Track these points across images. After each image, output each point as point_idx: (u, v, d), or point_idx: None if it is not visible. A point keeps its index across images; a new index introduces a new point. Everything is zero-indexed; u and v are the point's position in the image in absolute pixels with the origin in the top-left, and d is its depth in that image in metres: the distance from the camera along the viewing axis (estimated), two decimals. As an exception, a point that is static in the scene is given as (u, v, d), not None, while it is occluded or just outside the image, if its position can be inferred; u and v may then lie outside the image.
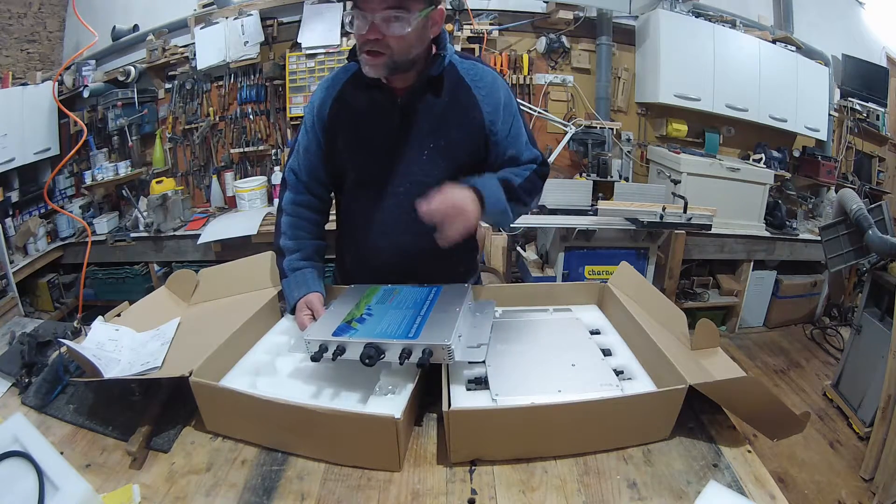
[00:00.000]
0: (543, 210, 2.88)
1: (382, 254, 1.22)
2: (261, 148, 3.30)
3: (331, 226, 1.32)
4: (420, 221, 1.17)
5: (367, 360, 0.87)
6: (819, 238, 2.66)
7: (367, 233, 1.22)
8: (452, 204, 1.00)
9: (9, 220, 2.81)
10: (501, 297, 1.22)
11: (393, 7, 0.99)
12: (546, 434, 0.82)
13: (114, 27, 3.20)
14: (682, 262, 3.06)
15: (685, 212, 2.83)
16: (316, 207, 1.28)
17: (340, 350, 0.90)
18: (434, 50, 1.13)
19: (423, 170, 1.16)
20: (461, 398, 0.87)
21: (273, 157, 3.31)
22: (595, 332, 1.10)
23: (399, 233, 1.20)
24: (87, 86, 3.12)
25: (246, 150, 3.29)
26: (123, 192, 3.16)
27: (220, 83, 3.24)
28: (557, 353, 0.99)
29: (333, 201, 1.34)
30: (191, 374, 0.87)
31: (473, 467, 0.82)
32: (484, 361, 0.97)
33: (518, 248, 3.26)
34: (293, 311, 1.16)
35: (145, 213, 3.00)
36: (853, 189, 2.87)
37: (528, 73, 3.27)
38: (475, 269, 1.43)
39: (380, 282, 1.21)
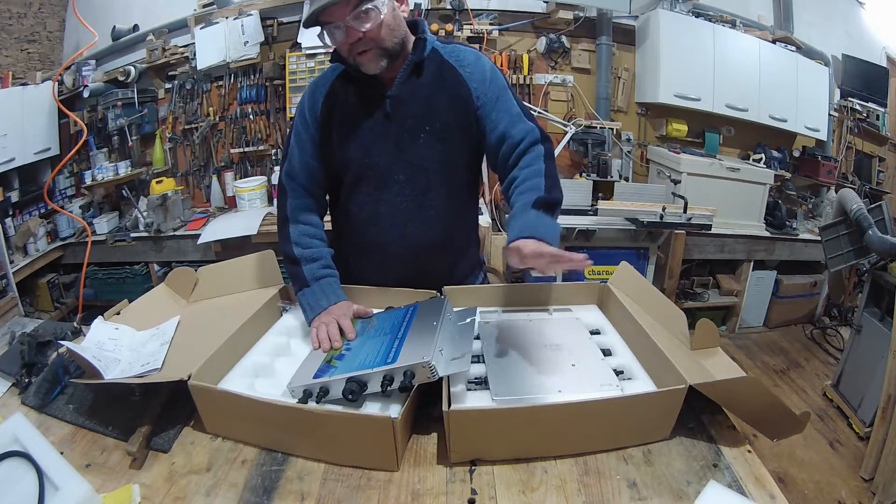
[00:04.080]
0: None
1: (391, 247, 1.21)
2: (261, 148, 3.29)
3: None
4: (424, 210, 1.18)
5: (349, 396, 0.84)
6: (819, 238, 2.66)
7: (372, 228, 1.21)
8: (534, 254, 0.92)
9: (9, 220, 2.80)
10: (501, 297, 1.22)
11: (357, 5, 1.00)
12: (546, 434, 0.82)
13: (114, 27, 3.20)
14: (682, 262, 3.06)
15: (685, 212, 2.83)
16: (318, 212, 1.26)
17: (324, 391, 0.87)
18: (412, 39, 1.14)
19: (421, 155, 1.16)
20: (461, 398, 0.87)
21: (273, 157, 3.31)
22: (595, 332, 1.10)
23: (404, 223, 1.19)
24: (87, 86, 3.11)
25: (246, 150, 3.29)
26: (123, 192, 3.16)
27: (220, 83, 3.24)
28: (557, 353, 0.99)
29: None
30: (190, 378, 0.87)
31: (473, 467, 0.82)
32: (484, 361, 0.97)
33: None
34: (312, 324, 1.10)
35: (145, 213, 3.00)
36: (853, 189, 2.87)
37: (528, 73, 3.27)
38: (481, 263, 1.42)
39: (386, 279, 1.20)
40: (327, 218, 1.31)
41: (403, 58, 1.12)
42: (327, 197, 1.31)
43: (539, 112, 3.11)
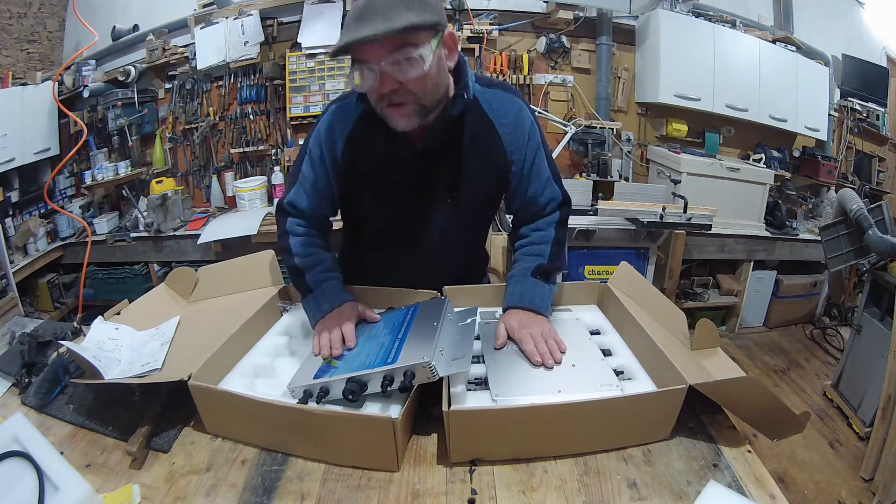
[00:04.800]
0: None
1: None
2: (261, 148, 3.29)
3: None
4: (440, 265, 1.20)
5: (349, 397, 0.84)
6: (819, 238, 2.66)
7: (387, 275, 1.22)
8: (533, 336, 0.99)
9: (9, 220, 2.81)
10: (502, 298, 1.21)
11: (398, 48, 0.86)
12: (546, 434, 0.82)
13: (114, 27, 3.20)
14: (682, 262, 3.06)
15: (685, 212, 2.83)
16: (322, 231, 1.21)
17: (324, 392, 0.86)
18: (453, 86, 1.01)
19: (448, 219, 1.14)
20: (461, 398, 0.87)
21: (273, 157, 3.31)
22: (595, 332, 1.10)
23: (422, 279, 1.19)
24: (87, 86, 3.12)
25: (246, 150, 3.29)
26: (123, 192, 3.16)
27: (220, 83, 3.24)
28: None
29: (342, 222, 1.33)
30: (190, 378, 0.87)
31: (473, 467, 0.82)
32: (484, 361, 0.97)
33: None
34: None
35: (145, 213, 3.00)
36: (853, 189, 2.87)
37: (528, 73, 3.27)
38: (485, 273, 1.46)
39: None
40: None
41: (441, 107, 0.99)
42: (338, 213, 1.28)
43: (539, 112, 3.11)
